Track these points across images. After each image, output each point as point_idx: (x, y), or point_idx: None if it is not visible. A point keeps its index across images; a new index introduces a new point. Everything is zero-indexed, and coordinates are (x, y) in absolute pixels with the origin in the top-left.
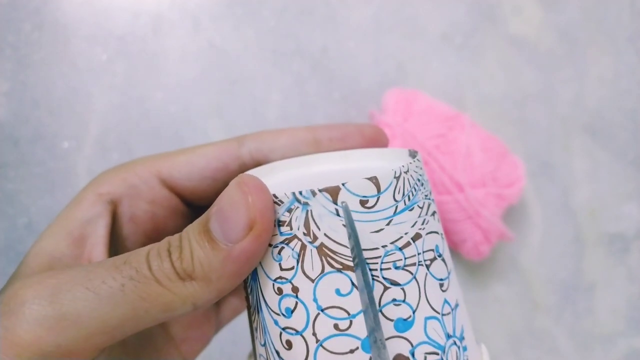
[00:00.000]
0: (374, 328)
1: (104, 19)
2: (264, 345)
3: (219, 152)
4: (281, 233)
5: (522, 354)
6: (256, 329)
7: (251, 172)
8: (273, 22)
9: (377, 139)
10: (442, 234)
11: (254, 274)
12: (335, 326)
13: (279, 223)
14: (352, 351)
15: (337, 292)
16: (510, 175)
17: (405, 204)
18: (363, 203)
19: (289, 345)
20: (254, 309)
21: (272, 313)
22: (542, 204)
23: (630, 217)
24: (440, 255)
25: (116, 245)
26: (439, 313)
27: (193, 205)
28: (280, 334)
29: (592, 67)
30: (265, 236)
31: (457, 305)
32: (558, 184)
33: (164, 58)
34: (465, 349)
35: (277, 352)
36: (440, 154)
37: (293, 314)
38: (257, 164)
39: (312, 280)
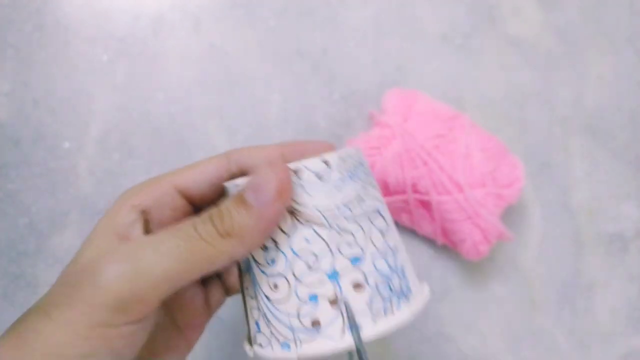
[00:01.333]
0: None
1: (105, 21)
2: (254, 296)
3: (216, 166)
4: None
5: (521, 353)
6: (247, 288)
7: None
8: (273, 23)
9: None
10: (381, 200)
11: None
12: (307, 265)
13: None
14: (321, 282)
15: (305, 239)
16: (509, 176)
17: (349, 177)
18: (319, 177)
19: (275, 287)
20: (245, 271)
21: (260, 266)
22: (541, 203)
23: (629, 217)
24: (380, 214)
25: None
26: (382, 253)
27: (197, 207)
28: (268, 280)
29: (591, 67)
30: (287, 201)
31: (397, 250)
32: (557, 184)
33: (165, 59)
34: (407, 281)
35: (267, 296)
36: (440, 154)
37: (276, 262)
38: (242, 172)
39: (287, 234)
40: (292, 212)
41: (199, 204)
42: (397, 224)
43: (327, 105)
